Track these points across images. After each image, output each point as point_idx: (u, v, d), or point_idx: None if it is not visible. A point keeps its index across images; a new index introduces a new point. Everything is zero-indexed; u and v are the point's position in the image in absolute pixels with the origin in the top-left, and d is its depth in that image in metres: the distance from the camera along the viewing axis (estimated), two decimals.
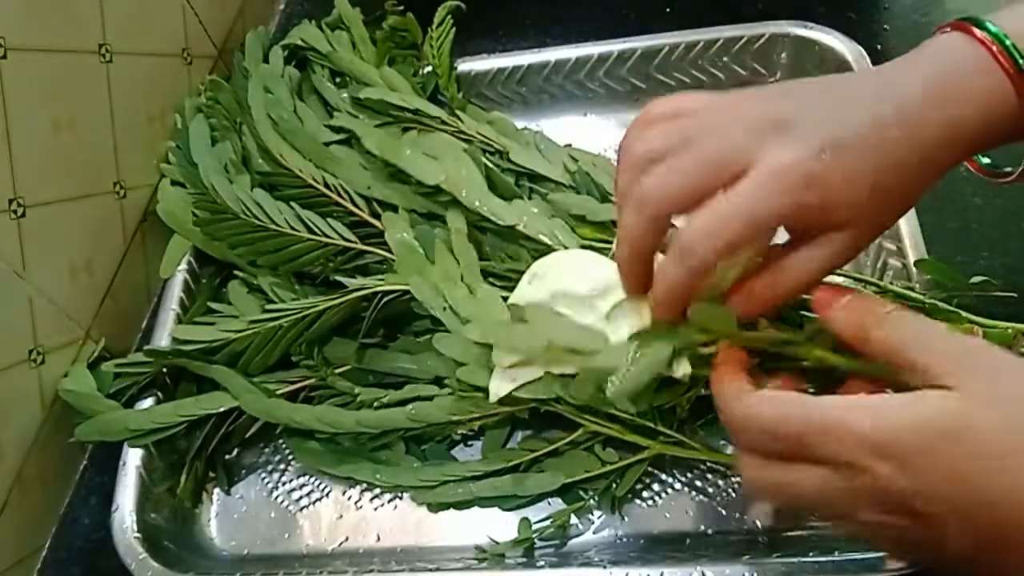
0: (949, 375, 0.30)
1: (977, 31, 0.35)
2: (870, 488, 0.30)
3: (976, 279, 0.47)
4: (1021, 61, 0.34)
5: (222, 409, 0.54)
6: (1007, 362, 0.31)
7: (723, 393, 0.36)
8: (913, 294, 0.48)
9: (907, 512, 0.30)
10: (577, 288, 0.45)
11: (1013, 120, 0.35)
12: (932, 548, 0.31)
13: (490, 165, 0.56)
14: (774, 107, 0.35)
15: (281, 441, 0.58)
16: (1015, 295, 0.47)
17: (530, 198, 0.56)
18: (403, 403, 0.52)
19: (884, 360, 0.33)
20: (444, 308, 0.51)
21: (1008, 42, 0.34)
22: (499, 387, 0.48)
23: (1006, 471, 0.29)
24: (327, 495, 0.56)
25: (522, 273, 0.50)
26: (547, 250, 0.51)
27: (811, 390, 0.35)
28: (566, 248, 0.51)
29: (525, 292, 0.47)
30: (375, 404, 0.53)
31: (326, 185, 0.58)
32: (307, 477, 0.57)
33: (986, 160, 0.43)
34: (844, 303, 0.35)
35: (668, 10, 0.73)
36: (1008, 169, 0.41)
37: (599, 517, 0.51)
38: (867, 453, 0.30)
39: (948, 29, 0.37)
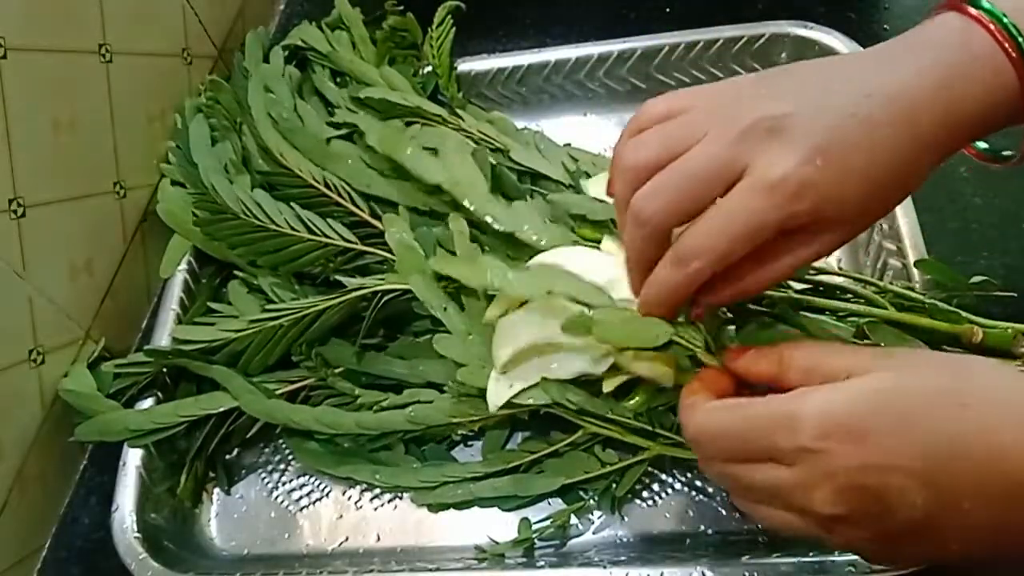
0: (872, 365, 0.32)
1: (972, 10, 0.34)
2: (825, 470, 0.30)
3: (976, 279, 0.47)
4: (1021, 40, 0.33)
5: (222, 409, 0.54)
6: (913, 351, 0.36)
7: (680, 410, 0.37)
8: (913, 294, 0.48)
9: (862, 491, 0.30)
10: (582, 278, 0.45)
11: (1013, 103, 0.34)
12: (887, 529, 0.31)
13: (496, 162, 0.56)
14: (768, 106, 0.34)
15: (281, 441, 0.58)
16: (1015, 295, 0.47)
17: (531, 197, 0.56)
18: (403, 406, 0.52)
19: (804, 379, 0.34)
20: (444, 308, 0.51)
21: (1006, 20, 0.33)
22: (497, 395, 0.48)
23: (953, 420, 0.30)
24: (327, 495, 0.56)
25: None
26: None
27: None
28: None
29: None
30: (374, 407, 0.53)
31: (326, 185, 0.58)
32: (307, 477, 0.57)
33: (983, 145, 0.42)
34: (754, 354, 0.37)
35: (668, 10, 0.73)
36: (1007, 153, 0.40)
37: (599, 517, 0.51)
38: (820, 435, 0.30)
39: (944, 9, 0.36)
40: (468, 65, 0.70)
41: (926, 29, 0.36)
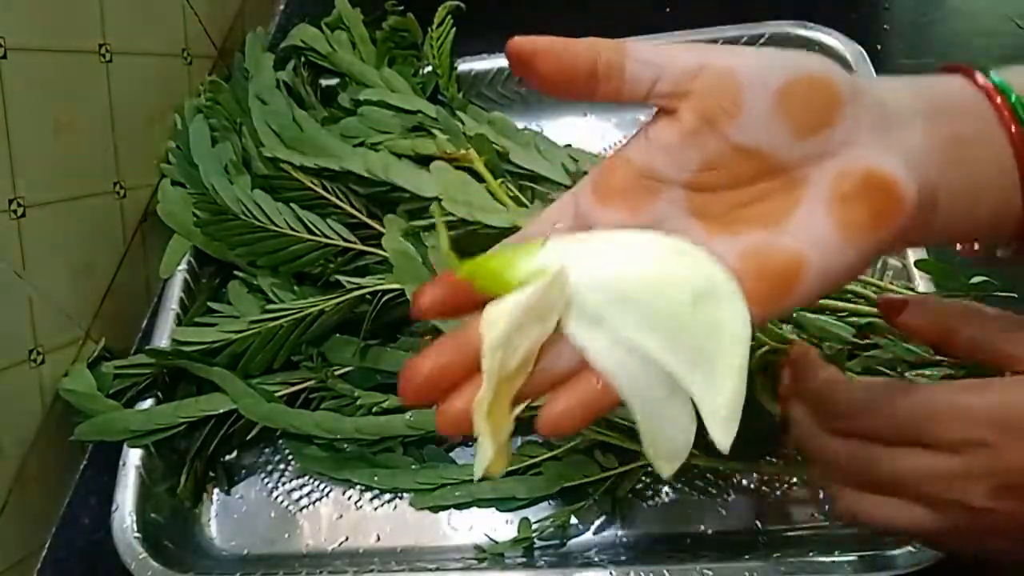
0: None
1: (980, 78, 0.31)
2: (989, 466, 0.30)
3: (976, 279, 0.47)
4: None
5: (222, 411, 0.54)
6: None
7: (819, 381, 0.35)
8: (913, 294, 0.48)
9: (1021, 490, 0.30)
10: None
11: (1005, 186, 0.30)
12: None
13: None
14: None
15: (281, 442, 0.58)
16: (1015, 295, 0.47)
17: (531, 200, 0.55)
18: (402, 410, 0.52)
19: (971, 354, 0.34)
20: None
21: (1014, 98, 0.30)
22: None
23: None
24: (327, 495, 0.56)
25: None
26: None
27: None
28: None
29: None
30: (374, 409, 0.52)
31: (324, 188, 0.57)
32: (307, 477, 0.57)
33: None
34: (920, 307, 0.36)
35: (668, 10, 0.73)
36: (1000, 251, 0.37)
37: (599, 517, 0.51)
38: (997, 429, 0.30)
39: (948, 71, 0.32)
40: (468, 65, 0.70)
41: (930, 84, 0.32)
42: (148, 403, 0.56)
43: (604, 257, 0.28)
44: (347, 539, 0.54)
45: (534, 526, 0.50)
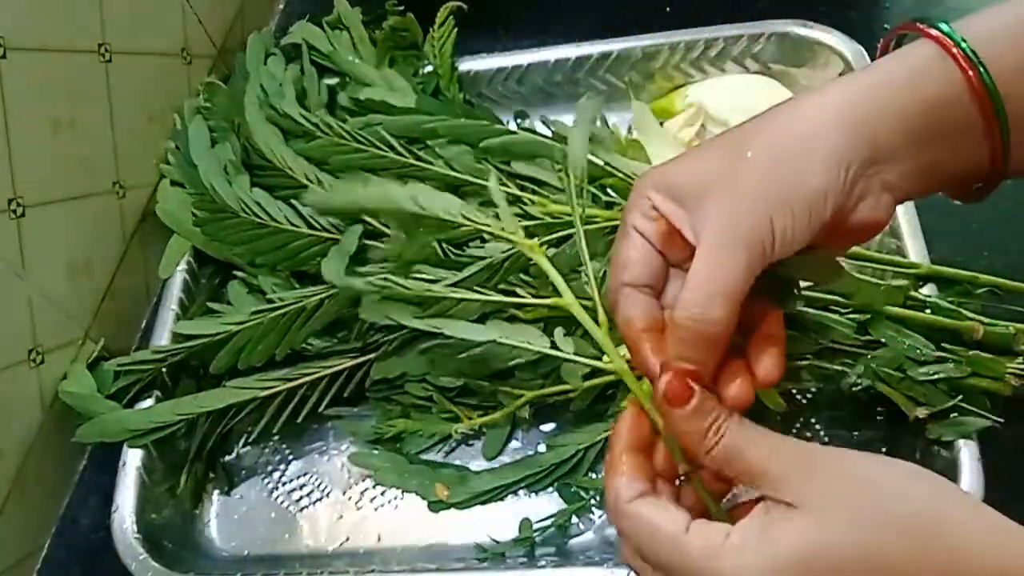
0: (786, 492, 0.30)
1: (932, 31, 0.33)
2: None
3: (982, 290, 0.47)
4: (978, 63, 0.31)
5: (219, 407, 0.54)
6: (836, 465, 0.30)
7: (607, 485, 0.33)
8: (914, 293, 0.48)
9: None
10: None
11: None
12: None
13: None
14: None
15: (282, 443, 0.58)
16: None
17: (532, 201, 0.55)
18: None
19: (720, 465, 0.31)
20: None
21: (965, 45, 0.31)
22: None
23: None
24: (327, 495, 0.56)
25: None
26: None
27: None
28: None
29: None
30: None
31: (320, 183, 0.57)
32: (307, 477, 0.56)
33: None
34: (692, 406, 0.31)
35: (667, 9, 0.73)
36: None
37: (600, 516, 0.51)
38: None
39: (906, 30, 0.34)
40: (468, 65, 0.70)
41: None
42: (148, 403, 0.56)
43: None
44: (347, 539, 0.54)
45: (535, 526, 0.50)
